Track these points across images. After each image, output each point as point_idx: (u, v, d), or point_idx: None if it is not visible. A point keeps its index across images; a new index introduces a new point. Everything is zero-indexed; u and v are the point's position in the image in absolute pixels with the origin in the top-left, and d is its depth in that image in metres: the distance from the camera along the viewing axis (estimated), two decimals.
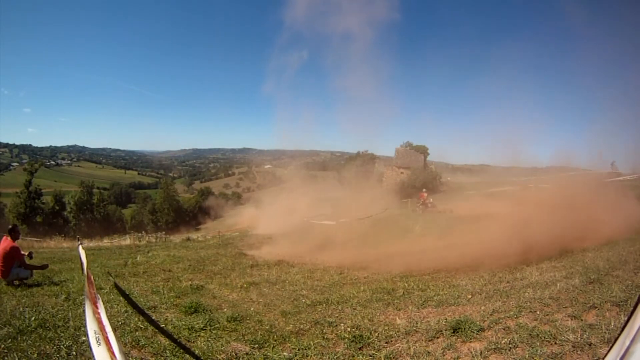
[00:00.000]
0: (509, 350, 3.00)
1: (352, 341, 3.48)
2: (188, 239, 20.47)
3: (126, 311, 4.29)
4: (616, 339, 0.84)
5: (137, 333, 3.66)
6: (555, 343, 3.01)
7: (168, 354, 3.21)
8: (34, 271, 6.38)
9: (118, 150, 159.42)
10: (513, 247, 7.01)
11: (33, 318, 3.98)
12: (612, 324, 3.20)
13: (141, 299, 5.20)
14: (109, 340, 1.32)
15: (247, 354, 3.31)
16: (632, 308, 0.83)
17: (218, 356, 3.22)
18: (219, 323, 4.09)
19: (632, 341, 0.76)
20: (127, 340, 3.45)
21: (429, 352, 3.15)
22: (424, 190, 20.48)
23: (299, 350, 3.37)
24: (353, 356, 3.22)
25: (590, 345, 2.89)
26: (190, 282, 6.50)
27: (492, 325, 3.53)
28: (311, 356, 3.26)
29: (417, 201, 19.61)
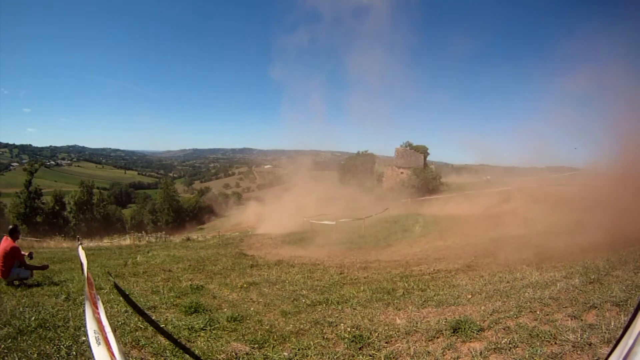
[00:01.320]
0: (509, 350, 3.00)
1: (352, 341, 3.47)
2: (188, 239, 20.49)
3: (126, 311, 4.29)
4: (619, 340, 0.84)
5: (137, 333, 3.66)
6: (555, 343, 3.01)
7: (168, 354, 3.21)
8: (34, 271, 6.38)
9: (118, 150, 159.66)
10: None
11: (33, 318, 3.98)
12: (612, 324, 3.19)
13: (141, 299, 5.20)
14: (108, 341, 1.32)
15: (247, 354, 3.31)
16: (634, 309, 0.83)
17: (218, 356, 3.22)
18: (219, 323, 4.09)
19: (635, 341, 0.75)
20: (127, 340, 3.45)
21: (429, 352, 3.15)
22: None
23: (299, 350, 3.37)
24: (353, 356, 3.22)
25: (590, 345, 2.89)
26: (190, 282, 6.50)
27: (492, 325, 3.53)
28: (311, 356, 3.26)
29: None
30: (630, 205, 8.62)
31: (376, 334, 3.61)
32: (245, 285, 6.21)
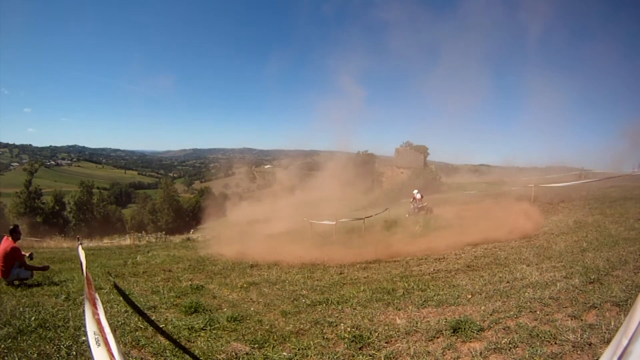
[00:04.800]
0: (509, 350, 3.01)
1: (352, 341, 3.48)
2: (188, 239, 20.50)
3: (126, 311, 4.29)
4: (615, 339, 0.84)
5: (137, 333, 3.66)
6: (555, 343, 3.01)
7: (168, 354, 3.22)
8: (35, 271, 6.38)
9: (118, 150, 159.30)
10: None
11: (33, 318, 3.99)
12: (612, 324, 3.20)
13: (141, 299, 5.20)
14: (108, 342, 1.32)
15: (247, 354, 3.31)
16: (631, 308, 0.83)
17: (218, 356, 3.23)
18: (219, 323, 4.09)
19: (630, 340, 0.76)
20: (127, 340, 3.46)
21: (429, 352, 3.15)
22: (416, 191, 18.13)
23: (299, 350, 3.37)
24: (353, 356, 3.22)
25: (590, 345, 2.89)
26: (190, 282, 6.50)
27: (492, 325, 3.53)
28: (311, 356, 3.26)
29: (411, 202, 17.92)
30: None
31: (376, 334, 3.61)
32: (245, 285, 6.21)
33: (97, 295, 1.61)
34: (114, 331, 1.43)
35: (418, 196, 17.51)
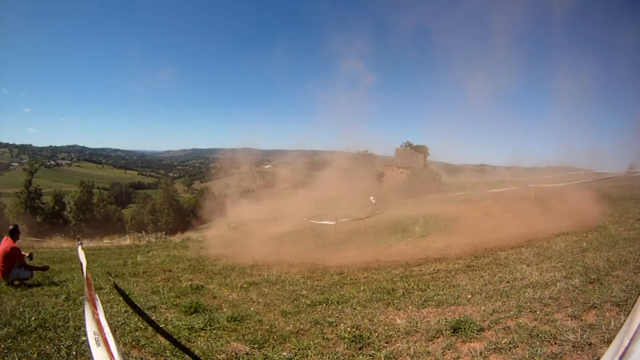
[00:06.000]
0: (509, 350, 3.00)
1: (352, 341, 3.48)
2: (188, 239, 20.52)
3: (126, 311, 4.29)
4: (616, 339, 0.84)
5: (137, 333, 3.66)
6: (555, 343, 3.01)
7: (168, 354, 3.21)
8: (35, 272, 6.38)
9: (118, 150, 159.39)
10: None
11: (33, 318, 3.99)
12: (612, 324, 3.20)
13: (141, 299, 5.20)
14: (107, 342, 1.32)
15: (247, 354, 3.31)
16: (631, 307, 0.83)
17: (218, 356, 3.23)
18: (219, 323, 4.09)
19: (631, 340, 0.76)
20: (127, 340, 3.46)
21: (429, 352, 3.15)
22: (372, 197, 23.75)
23: (299, 350, 3.37)
24: (353, 356, 3.22)
25: (590, 345, 2.89)
26: (190, 282, 6.50)
27: (492, 325, 3.53)
28: (311, 356, 3.26)
29: (368, 205, 22.63)
30: None
31: (376, 334, 3.61)
32: (245, 285, 6.22)
33: (96, 296, 1.61)
34: (113, 331, 1.44)
35: (373, 201, 23.12)
